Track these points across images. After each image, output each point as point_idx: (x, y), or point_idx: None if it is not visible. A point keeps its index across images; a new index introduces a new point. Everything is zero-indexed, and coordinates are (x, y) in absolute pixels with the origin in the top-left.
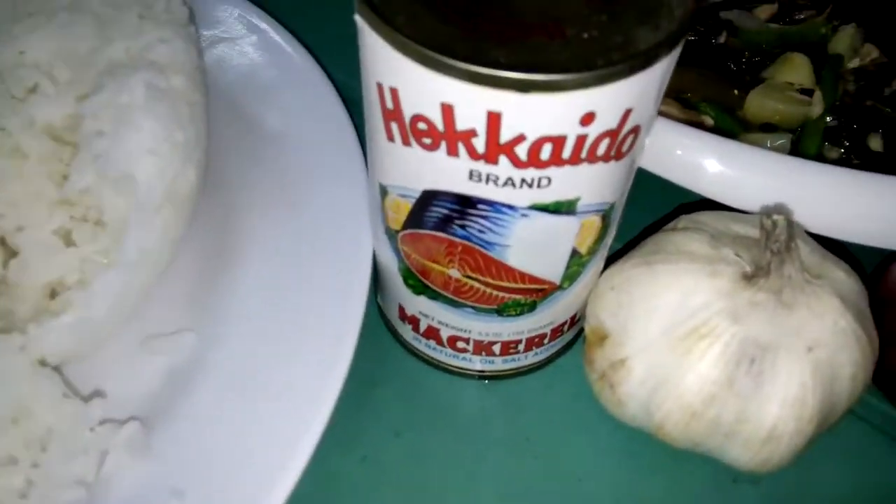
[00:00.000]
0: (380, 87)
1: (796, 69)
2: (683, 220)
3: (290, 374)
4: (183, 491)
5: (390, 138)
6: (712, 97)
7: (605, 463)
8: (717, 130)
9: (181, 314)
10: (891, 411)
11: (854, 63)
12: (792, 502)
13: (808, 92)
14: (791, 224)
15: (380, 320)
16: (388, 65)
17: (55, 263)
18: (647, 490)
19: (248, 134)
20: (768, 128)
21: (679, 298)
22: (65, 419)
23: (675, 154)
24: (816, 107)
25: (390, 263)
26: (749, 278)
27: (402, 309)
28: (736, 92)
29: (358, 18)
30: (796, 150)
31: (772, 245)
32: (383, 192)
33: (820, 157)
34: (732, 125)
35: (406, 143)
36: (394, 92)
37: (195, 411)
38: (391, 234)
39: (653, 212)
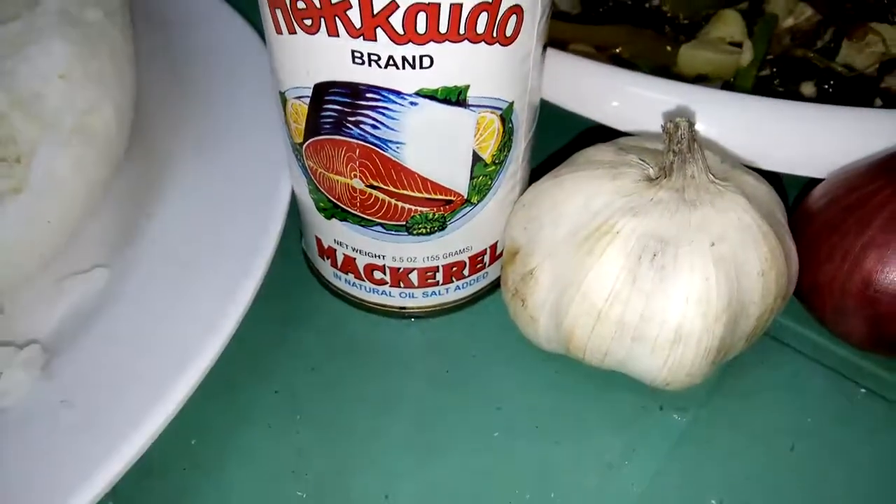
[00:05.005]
0: None
1: (728, 24)
2: (599, 143)
3: (191, 302)
4: (73, 403)
5: (278, 30)
6: (645, 53)
7: (526, 393)
8: None
9: (98, 256)
10: (822, 341)
11: (789, 22)
12: (717, 431)
13: (740, 45)
14: (692, 126)
15: (306, 268)
16: None
17: None
18: (569, 417)
19: (173, 81)
20: (701, 80)
21: (582, 203)
22: None
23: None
24: (746, 54)
25: (303, 191)
26: (652, 180)
27: (319, 242)
28: (669, 48)
29: None
30: None
31: (674, 146)
32: (283, 101)
33: None
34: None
35: (291, 30)
36: None
37: (96, 335)
38: (297, 151)
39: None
